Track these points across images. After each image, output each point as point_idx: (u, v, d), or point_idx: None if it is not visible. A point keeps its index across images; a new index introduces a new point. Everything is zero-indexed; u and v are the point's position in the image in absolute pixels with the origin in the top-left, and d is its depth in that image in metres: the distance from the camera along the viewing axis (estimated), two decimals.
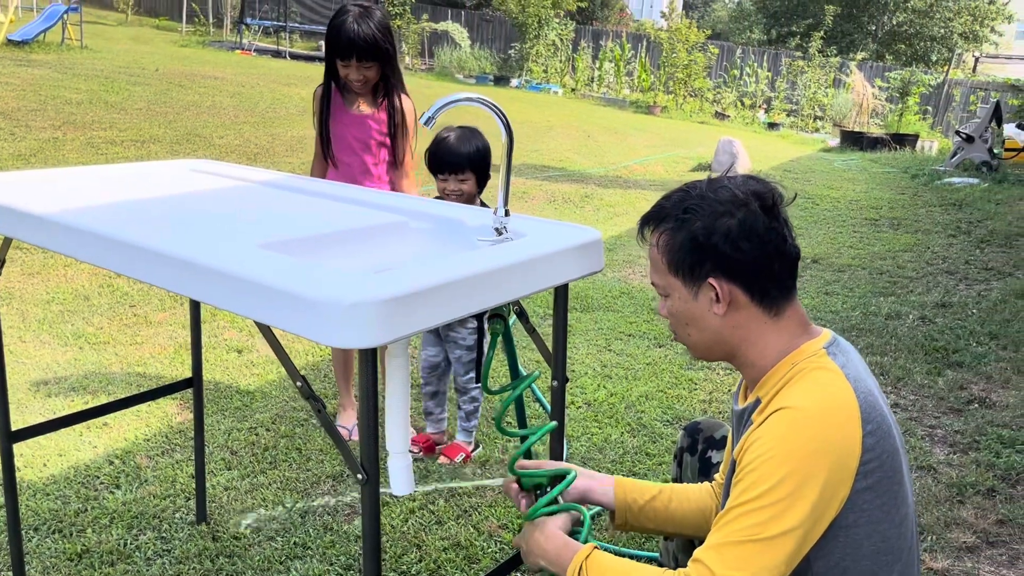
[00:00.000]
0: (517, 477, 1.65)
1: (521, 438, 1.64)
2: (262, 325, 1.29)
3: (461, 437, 3.07)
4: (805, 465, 1.25)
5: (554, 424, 1.69)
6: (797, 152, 13.15)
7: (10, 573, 2.17)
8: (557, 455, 1.78)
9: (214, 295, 1.28)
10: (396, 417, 1.41)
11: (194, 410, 2.50)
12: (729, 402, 3.53)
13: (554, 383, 1.70)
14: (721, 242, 1.36)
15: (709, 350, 1.47)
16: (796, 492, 1.24)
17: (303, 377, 1.34)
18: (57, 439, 2.97)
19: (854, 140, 14.06)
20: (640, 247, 6.08)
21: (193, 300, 2.43)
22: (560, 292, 1.63)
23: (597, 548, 1.42)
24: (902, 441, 1.40)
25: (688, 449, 1.88)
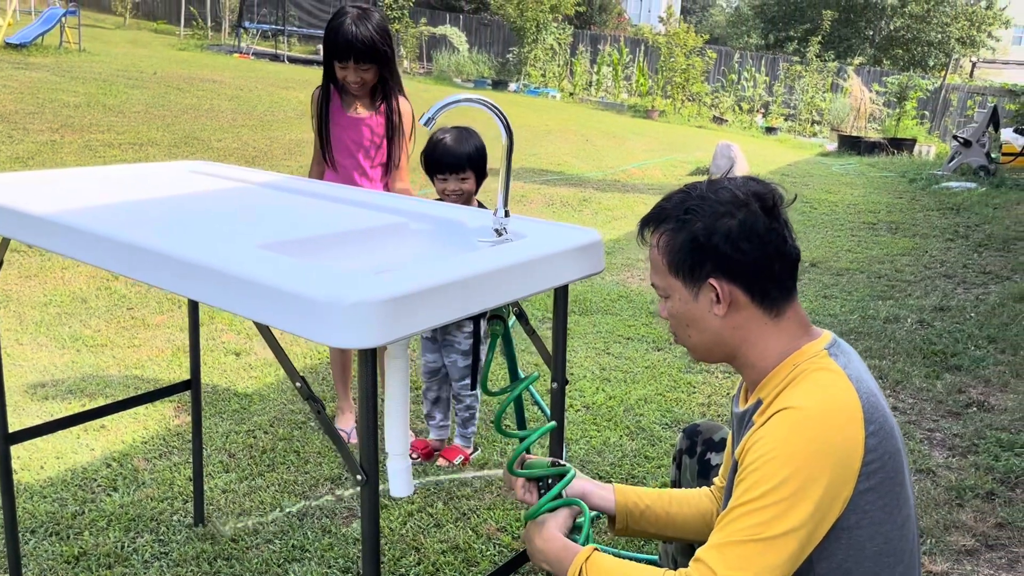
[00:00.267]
0: (517, 477, 1.65)
1: (520, 439, 1.63)
2: (261, 326, 1.28)
3: (459, 442, 3.07)
4: (808, 465, 1.25)
5: (553, 424, 1.69)
6: (795, 156, 13.17)
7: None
8: (557, 457, 1.77)
9: (214, 296, 1.28)
10: (395, 419, 1.41)
11: (192, 412, 2.49)
12: (728, 405, 3.53)
13: (554, 385, 1.69)
14: (722, 243, 1.36)
15: (709, 352, 1.47)
16: (799, 492, 1.24)
17: (302, 378, 1.34)
18: (54, 441, 2.96)
19: (852, 144, 14.09)
20: (639, 250, 6.03)
21: (192, 302, 2.43)
22: (560, 293, 1.63)
23: (597, 550, 1.42)
24: (903, 443, 1.39)
25: (687, 451, 1.87)
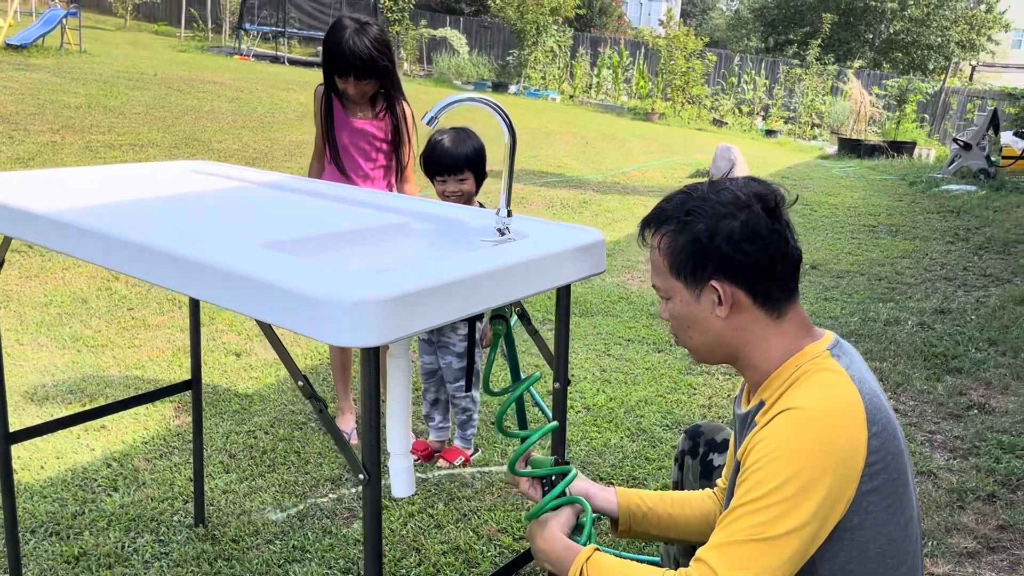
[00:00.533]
0: (519, 476, 1.65)
1: (522, 439, 1.63)
2: (264, 325, 1.28)
3: (459, 443, 3.06)
4: (811, 466, 1.24)
5: (555, 424, 1.68)
6: (795, 159, 13.18)
7: None
8: (559, 457, 1.77)
9: (217, 294, 1.28)
10: (397, 418, 1.40)
11: (193, 413, 2.49)
12: (729, 407, 3.53)
13: (556, 385, 1.69)
14: (724, 244, 1.35)
15: (711, 353, 1.46)
16: (801, 492, 1.24)
17: (305, 376, 1.33)
18: (54, 441, 2.96)
19: (852, 147, 14.09)
20: (639, 252, 6.03)
21: (193, 303, 2.43)
22: (562, 293, 1.63)
23: (598, 550, 1.42)
24: (905, 444, 1.39)
25: (689, 452, 1.87)
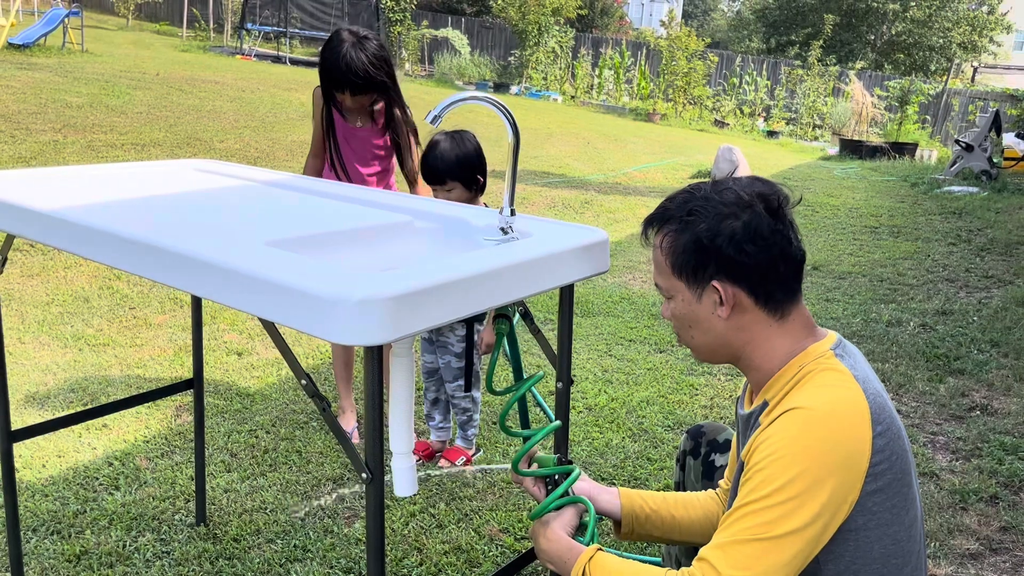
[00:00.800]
0: (522, 475, 1.65)
1: (525, 438, 1.63)
2: (267, 323, 1.28)
3: (460, 443, 3.06)
4: (815, 465, 1.24)
5: (558, 424, 1.68)
6: (796, 160, 13.17)
7: (8, 574, 2.16)
8: (563, 456, 1.77)
9: (221, 293, 1.27)
10: (399, 417, 1.40)
11: (194, 412, 2.48)
12: (731, 407, 3.52)
13: (559, 385, 1.69)
14: (725, 244, 1.34)
15: (713, 352, 1.46)
16: (805, 492, 1.23)
17: (307, 375, 1.33)
18: (56, 440, 2.95)
19: (853, 148, 14.08)
20: (641, 252, 6.03)
21: (195, 301, 2.43)
22: (566, 293, 1.62)
23: (601, 550, 1.41)
24: (909, 445, 1.39)
25: (691, 452, 1.86)
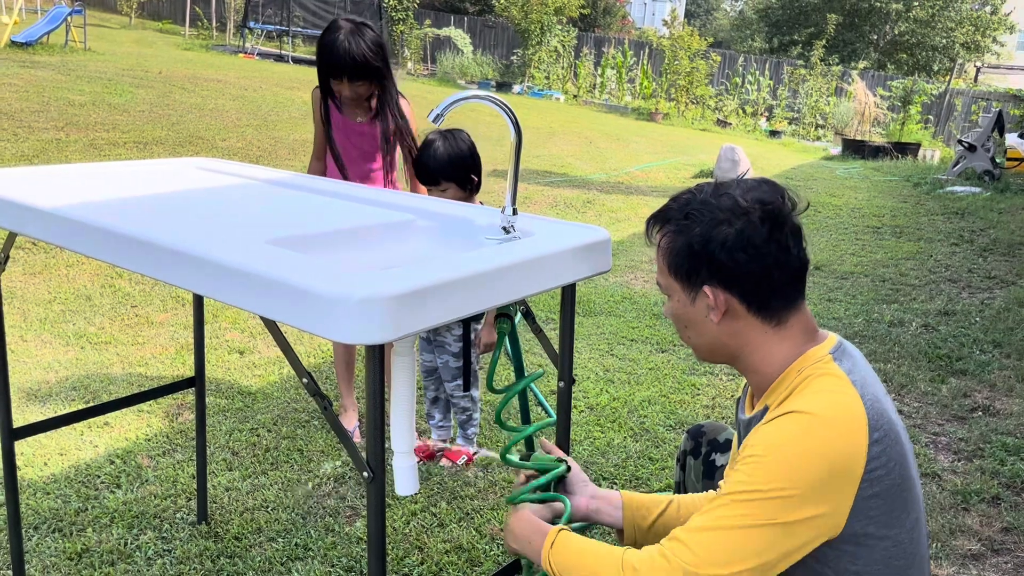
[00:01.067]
0: (511, 464, 1.64)
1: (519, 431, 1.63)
2: (268, 322, 1.28)
3: (461, 443, 3.06)
4: (805, 467, 1.23)
5: (553, 419, 1.68)
6: (799, 160, 13.16)
7: (10, 572, 2.16)
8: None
9: (223, 291, 1.27)
10: (401, 416, 1.40)
11: (196, 410, 2.49)
12: (732, 407, 3.52)
13: (560, 384, 1.68)
14: (717, 251, 1.33)
15: (712, 353, 1.46)
16: (792, 491, 1.22)
17: (309, 373, 1.33)
18: (58, 438, 2.96)
19: (856, 148, 14.07)
20: (643, 252, 6.02)
21: (196, 299, 2.43)
22: (567, 292, 1.62)
23: (564, 529, 1.41)
24: (910, 446, 1.38)
25: (691, 452, 1.86)
